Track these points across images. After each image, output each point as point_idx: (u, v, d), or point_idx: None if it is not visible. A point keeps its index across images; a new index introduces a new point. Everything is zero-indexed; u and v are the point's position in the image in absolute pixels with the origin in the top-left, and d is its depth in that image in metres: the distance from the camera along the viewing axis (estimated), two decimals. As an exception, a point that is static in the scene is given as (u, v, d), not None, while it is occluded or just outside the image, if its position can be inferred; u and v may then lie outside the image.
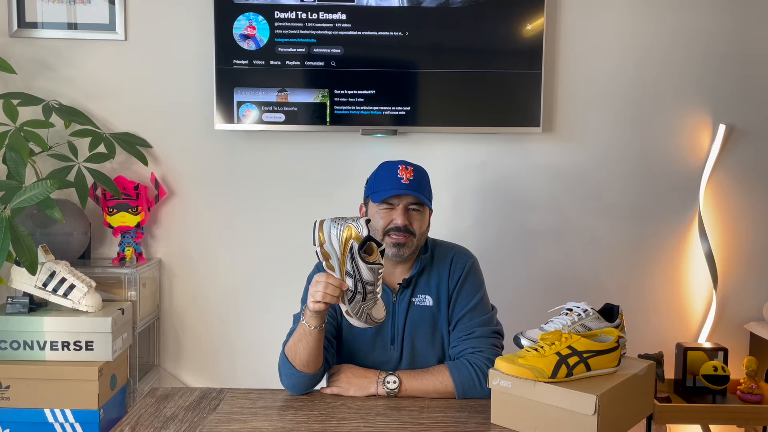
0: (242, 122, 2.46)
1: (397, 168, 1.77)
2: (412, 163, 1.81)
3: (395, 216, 1.73)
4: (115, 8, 2.49)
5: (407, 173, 1.75)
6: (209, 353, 2.61)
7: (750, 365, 2.30)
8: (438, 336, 1.79)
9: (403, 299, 1.78)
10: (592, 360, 1.47)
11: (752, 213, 2.58)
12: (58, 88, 2.51)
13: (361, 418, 1.54)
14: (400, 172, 1.75)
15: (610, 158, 2.56)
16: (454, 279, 1.80)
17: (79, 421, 2.08)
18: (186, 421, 1.53)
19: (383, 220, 1.74)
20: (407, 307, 1.78)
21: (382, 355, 1.78)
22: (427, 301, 1.79)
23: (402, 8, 2.42)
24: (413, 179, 1.75)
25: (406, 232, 1.73)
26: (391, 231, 1.73)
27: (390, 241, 1.73)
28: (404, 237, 1.73)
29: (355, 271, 1.52)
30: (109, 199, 2.43)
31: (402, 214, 1.72)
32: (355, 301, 1.54)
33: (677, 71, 2.54)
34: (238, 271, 2.59)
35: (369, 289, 1.53)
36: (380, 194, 1.75)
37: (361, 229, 1.51)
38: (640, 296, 2.60)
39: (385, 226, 1.74)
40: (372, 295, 1.54)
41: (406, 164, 1.78)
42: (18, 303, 2.16)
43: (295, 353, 1.65)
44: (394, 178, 1.75)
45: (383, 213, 1.75)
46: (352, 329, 1.72)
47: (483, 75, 2.46)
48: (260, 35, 2.43)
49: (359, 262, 1.52)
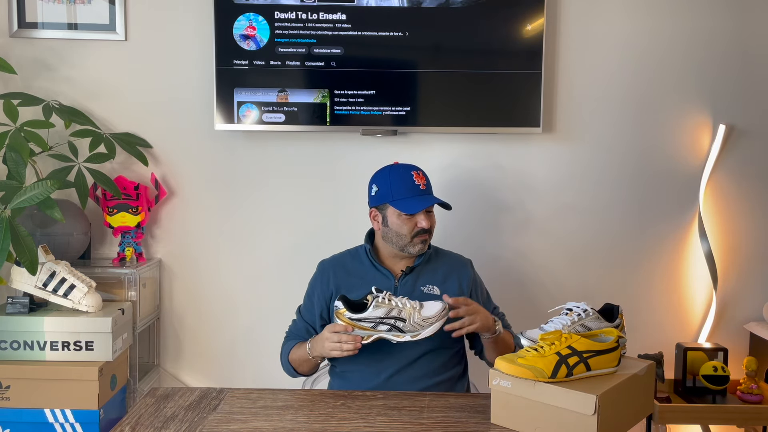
0: (242, 122, 2.46)
1: (410, 175, 1.91)
2: (415, 166, 1.96)
3: (419, 220, 1.88)
4: (116, 8, 2.49)
5: (421, 179, 1.92)
6: (209, 353, 2.61)
7: (750, 365, 2.30)
8: None
9: (406, 284, 1.92)
10: (592, 360, 1.48)
11: (752, 213, 2.58)
12: (58, 88, 2.51)
13: (361, 417, 1.54)
14: (416, 179, 1.90)
15: (610, 158, 2.56)
16: (468, 279, 1.98)
17: (79, 421, 2.08)
18: (186, 421, 1.53)
19: (407, 226, 1.89)
20: (412, 293, 1.90)
21: None
22: (434, 290, 1.92)
23: (402, 8, 2.43)
24: (427, 184, 1.93)
25: (429, 232, 1.92)
26: (421, 233, 1.89)
27: (418, 241, 1.90)
28: (428, 235, 1.92)
29: (366, 321, 1.71)
30: (110, 200, 2.43)
31: (425, 218, 1.89)
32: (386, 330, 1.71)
33: (677, 71, 2.54)
34: (238, 271, 2.60)
35: (386, 318, 1.70)
36: (407, 204, 1.88)
37: None
38: (640, 296, 2.60)
39: (411, 230, 1.89)
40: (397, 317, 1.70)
41: (416, 169, 1.93)
42: (18, 303, 2.16)
43: (297, 365, 1.91)
44: (412, 185, 1.90)
45: (406, 219, 1.89)
46: None
47: (483, 75, 2.46)
48: (260, 35, 2.43)
49: (363, 316, 1.71)
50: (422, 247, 1.91)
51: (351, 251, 2.02)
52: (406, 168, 1.93)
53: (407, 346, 1.82)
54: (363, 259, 1.97)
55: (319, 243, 2.28)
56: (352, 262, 1.98)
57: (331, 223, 2.55)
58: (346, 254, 2.02)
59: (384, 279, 1.92)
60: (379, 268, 1.93)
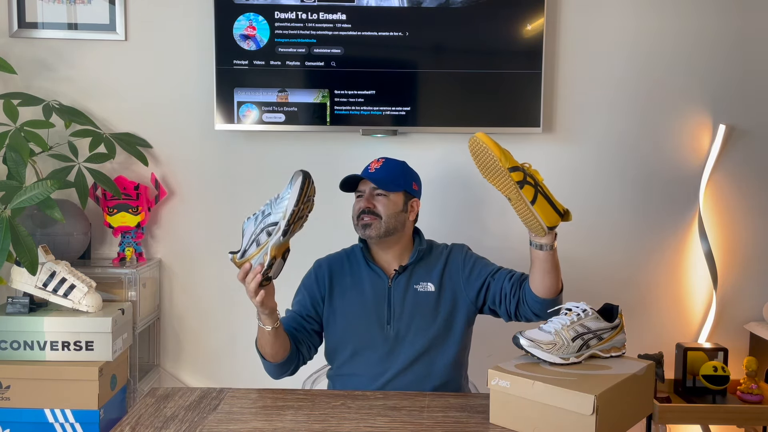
0: (242, 122, 2.46)
1: (370, 163, 1.95)
2: (392, 158, 1.97)
3: (362, 201, 1.91)
4: (116, 8, 2.49)
5: (377, 164, 1.94)
6: (209, 353, 2.61)
7: (750, 365, 2.30)
8: (439, 317, 1.90)
9: (399, 284, 1.91)
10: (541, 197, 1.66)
11: (752, 213, 2.58)
12: (58, 88, 2.51)
13: (361, 417, 1.54)
14: (371, 164, 1.94)
15: (610, 158, 2.57)
16: (459, 264, 1.95)
17: (80, 421, 2.08)
18: (186, 421, 1.53)
19: (355, 206, 1.93)
20: (405, 292, 1.90)
21: (378, 334, 1.88)
22: (429, 287, 1.91)
23: (402, 8, 2.43)
24: (380, 167, 1.93)
25: (371, 214, 1.89)
26: (361, 214, 1.90)
27: (360, 224, 1.90)
28: (370, 218, 1.89)
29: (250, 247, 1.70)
30: (110, 200, 2.43)
31: (365, 198, 1.91)
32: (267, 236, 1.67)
33: (677, 72, 2.54)
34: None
35: (258, 228, 1.68)
36: (343, 181, 1.95)
37: None
38: (639, 296, 2.60)
39: (357, 211, 1.92)
40: (263, 216, 1.66)
41: (381, 158, 1.96)
42: (18, 303, 2.16)
43: (261, 347, 1.80)
44: (365, 169, 1.95)
45: (355, 201, 1.94)
46: (346, 311, 1.90)
47: (483, 75, 2.46)
48: (260, 35, 2.43)
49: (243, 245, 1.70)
50: (362, 231, 1.89)
51: (347, 250, 2.03)
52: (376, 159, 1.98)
53: (402, 350, 1.83)
54: (358, 258, 1.97)
55: (318, 242, 2.28)
56: (347, 262, 1.98)
57: (330, 223, 2.55)
58: (342, 253, 2.02)
59: (377, 278, 1.92)
60: (372, 267, 1.93)
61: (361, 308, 1.90)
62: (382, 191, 1.90)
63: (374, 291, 1.91)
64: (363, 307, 1.90)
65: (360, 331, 1.88)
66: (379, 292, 1.90)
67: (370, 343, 1.87)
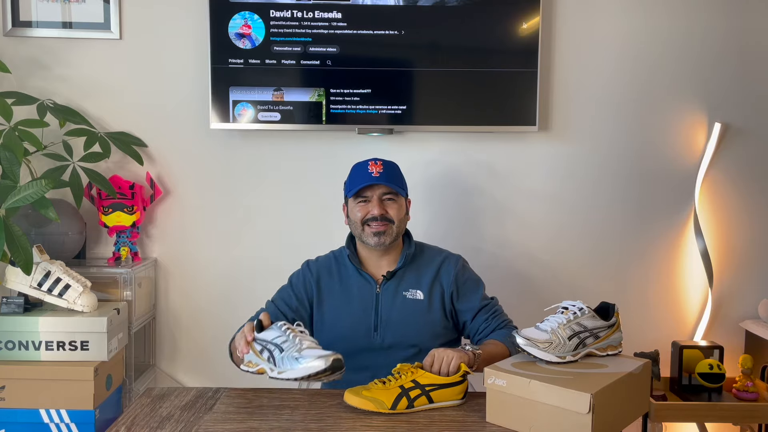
0: (238, 121, 2.45)
1: (367, 164, 1.90)
2: (383, 158, 1.94)
3: (371, 207, 1.85)
4: (110, 7, 2.48)
5: (377, 167, 1.88)
6: (205, 353, 2.61)
7: (745, 363, 2.31)
8: (428, 326, 1.88)
9: (388, 290, 1.89)
10: (435, 393, 1.57)
11: (747, 211, 2.59)
12: (52, 87, 2.50)
13: (357, 417, 1.54)
14: (370, 167, 1.88)
15: (606, 157, 2.57)
16: (450, 278, 1.92)
17: (75, 422, 2.08)
18: (182, 420, 1.53)
19: (360, 213, 1.87)
20: (393, 299, 1.88)
21: (365, 341, 1.87)
22: (418, 295, 1.89)
23: (398, 7, 2.42)
24: (383, 171, 1.88)
25: (384, 221, 1.85)
26: (369, 221, 1.85)
27: (370, 231, 1.85)
28: (383, 225, 1.85)
29: (257, 343, 1.61)
30: (105, 199, 2.42)
31: (377, 205, 1.85)
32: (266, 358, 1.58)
33: (672, 70, 2.54)
34: (233, 270, 2.59)
35: (271, 344, 1.58)
36: (354, 189, 1.88)
37: None
38: (635, 295, 2.60)
39: (362, 217, 1.86)
40: (278, 345, 1.57)
41: (375, 160, 1.92)
42: (13, 303, 2.15)
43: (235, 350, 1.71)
44: (365, 173, 1.88)
45: (360, 207, 1.88)
46: (334, 317, 1.88)
47: (479, 74, 2.46)
48: (256, 34, 2.43)
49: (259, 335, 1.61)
50: (377, 240, 1.84)
51: (335, 253, 2.00)
52: (368, 160, 1.93)
53: (390, 358, 1.80)
54: (346, 262, 1.95)
55: (315, 242, 2.28)
56: (335, 265, 1.96)
57: (327, 223, 2.54)
58: (330, 256, 2.00)
59: (365, 284, 1.91)
60: (361, 273, 1.91)
61: (348, 315, 1.88)
62: (392, 195, 1.88)
63: (362, 297, 1.89)
64: (351, 314, 1.88)
65: (347, 338, 1.86)
66: (367, 298, 1.89)
67: (357, 350, 1.84)
